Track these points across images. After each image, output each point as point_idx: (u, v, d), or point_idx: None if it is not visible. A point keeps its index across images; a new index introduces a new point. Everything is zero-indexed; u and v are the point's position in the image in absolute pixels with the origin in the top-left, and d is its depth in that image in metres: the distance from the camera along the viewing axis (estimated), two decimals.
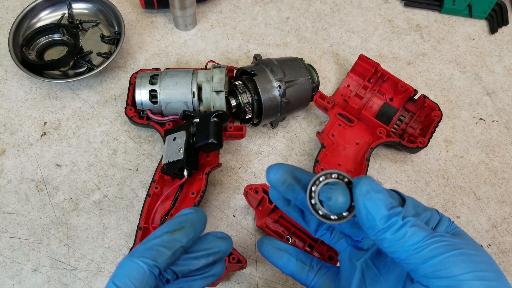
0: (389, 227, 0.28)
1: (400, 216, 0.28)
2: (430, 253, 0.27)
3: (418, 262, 0.28)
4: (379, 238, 0.29)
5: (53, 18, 0.68)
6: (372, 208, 0.28)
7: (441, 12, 0.74)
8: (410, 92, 0.61)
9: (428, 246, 0.27)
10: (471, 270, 0.26)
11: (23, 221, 0.56)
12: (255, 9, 0.73)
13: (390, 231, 0.28)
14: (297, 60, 0.60)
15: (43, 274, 0.53)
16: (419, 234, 0.28)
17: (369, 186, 0.29)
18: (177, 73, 0.58)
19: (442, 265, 0.27)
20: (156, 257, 0.30)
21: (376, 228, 0.29)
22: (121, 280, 0.29)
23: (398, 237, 0.28)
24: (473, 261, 0.27)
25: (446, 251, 0.27)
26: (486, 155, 0.63)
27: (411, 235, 0.28)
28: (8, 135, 0.61)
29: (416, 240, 0.28)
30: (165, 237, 0.31)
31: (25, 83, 0.65)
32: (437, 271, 0.27)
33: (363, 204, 0.29)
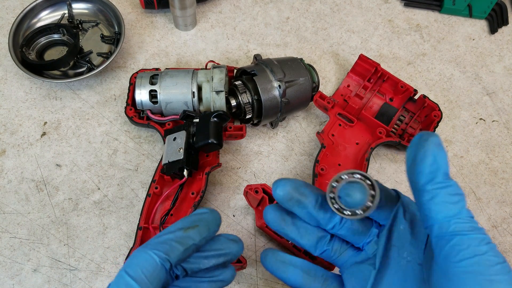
0: (447, 187, 0.29)
1: (456, 182, 0.29)
2: (466, 226, 0.28)
3: (450, 230, 0.28)
4: (433, 195, 0.29)
5: (53, 18, 0.68)
6: (442, 159, 0.29)
7: (441, 12, 0.74)
8: (410, 92, 0.61)
9: (467, 222, 0.28)
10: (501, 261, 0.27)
11: (23, 221, 0.56)
12: (255, 9, 0.73)
13: (446, 192, 0.29)
14: (297, 60, 0.60)
15: (43, 274, 0.53)
16: (467, 213, 0.29)
17: (438, 139, 0.30)
18: (177, 73, 0.58)
19: (469, 242, 0.28)
20: (168, 251, 0.30)
21: (437, 177, 0.29)
22: (133, 270, 0.29)
23: (451, 199, 0.28)
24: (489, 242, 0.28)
25: (478, 235, 0.28)
26: (486, 155, 0.63)
27: (462, 207, 0.28)
28: (8, 135, 0.61)
29: (464, 213, 0.28)
30: (179, 233, 0.31)
31: (25, 83, 0.65)
32: (458, 245, 0.28)
33: (436, 151, 0.29)
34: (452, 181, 0.30)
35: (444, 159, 0.29)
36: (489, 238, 0.29)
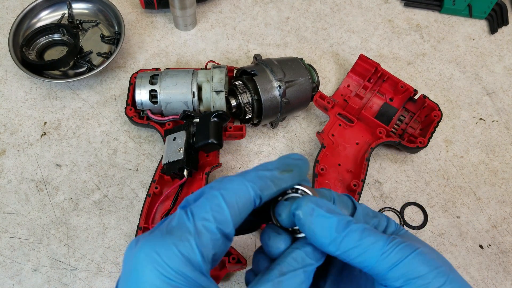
0: (351, 236, 0.28)
1: (355, 223, 0.28)
2: (396, 256, 0.27)
3: (387, 267, 0.27)
4: (345, 251, 0.28)
5: (53, 18, 0.68)
6: (324, 221, 0.28)
7: (441, 12, 0.74)
8: (410, 92, 0.61)
9: (393, 250, 0.27)
10: (434, 268, 0.27)
11: (23, 221, 0.56)
12: (255, 9, 0.73)
13: (353, 240, 0.28)
14: (297, 60, 0.60)
15: (43, 274, 0.53)
16: (381, 239, 0.28)
17: (311, 204, 0.28)
18: (177, 73, 0.58)
19: (409, 267, 0.27)
20: (263, 188, 0.29)
21: (337, 241, 0.28)
22: (229, 196, 0.28)
23: (363, 245, 0.27)
24: (432, 259, 0.28)
25: (409, 252, 0.27)
26: (486, 155, 0.63)
27: (375, 241, 0.28)
28: (8, 135, 0.61)
29: (380, 245, 0.27)
30: (275, 173, 0.30)
31: (25, 83, 0.65)
32: (406, 273, 0.27)
33: (314, 223, 0.28)
34: (350, 227, 0.28)
35: (326, 221, 0.28)
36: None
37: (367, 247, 0.27)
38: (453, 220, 0.59)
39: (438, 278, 0.27)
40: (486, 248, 0.57)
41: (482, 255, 0.57)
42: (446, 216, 0.59)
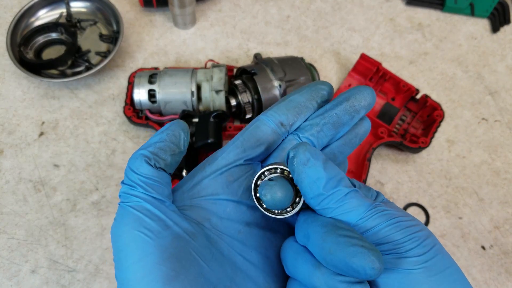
0: (335, 195, 0.27)
1: (344, 185, 0.28)
2: (372, 222, 0.27)
3: (361, 232, 0.27)
4: (325, 208, 0.28)
5: (51, 17, 0.67)
6: (315, 175, 0.28)
7: (443, 11, 0.74)
8: (412, 92, 0.60)
9: (371, 216, 0.27)
10: (408, 234, 0.27)
11: (21, 222, 0.55)
12: (255, 7, 0.73)
13: (336, 200, 0.27)
14: (298, 59, 0.59)
15: (41, 276, 0.52)
16: (363, 205, 0.27)
17: (308, 154, 0.28)
18: (176, 72, 0.57)
19: (383, 233, 0.27)
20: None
21: (320, 197, 0.28)
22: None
23: (344, 208, 0.27)
24: (408, 226, 0.27)
25: (386, 219, 0.27)
26: (488, 155, 0.63)
27: (356, 206, 0.27)
28: (6, 135, 0.60)
29: (361, 211, 0.27)
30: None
31: (23, 83, 0.64)
32: (379, 239, 0.27)
33: (305, 173, 0.28)
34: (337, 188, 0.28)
35: (317, 173, 0.28)
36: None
37: (347, 210, 0.27)
38: (455, 221, 0.58)
39: (411, 242, 0.26)
40: (488, 249, 0.57)
41: (484, 256, 0.56)
42: (448, 217, 0.58)
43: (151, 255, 0.26)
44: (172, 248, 0.27)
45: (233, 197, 0.31)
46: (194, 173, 0.32)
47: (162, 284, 0.25)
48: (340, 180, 0.28)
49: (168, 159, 0.29)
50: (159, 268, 0.26)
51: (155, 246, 0.26)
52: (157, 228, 0.27)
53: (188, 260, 0.27)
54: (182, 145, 0.30)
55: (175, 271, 0.26)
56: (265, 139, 0.31)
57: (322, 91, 0.33)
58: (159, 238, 0.26)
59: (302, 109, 0.32)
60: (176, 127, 0.30)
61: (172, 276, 0.26)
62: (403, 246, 0.26)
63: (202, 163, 0.32)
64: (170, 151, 0.29)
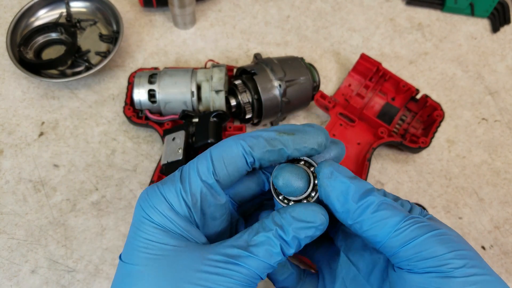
0: (366, 206, 0.26)
1: (374, 195, 0.27)
2: (411, 234, 0.26)
3: (399, 244, 0.26)
4: (358, 221, 0.27)
5: (51, 17, 0.67)
6: (342, 188, 0.27)
7: (443, 11, 0.74)
8: (412, 92, 0.60)
9: (408, 227, 0.26)
10: (452, 250, 0.25)
11: (20, 222, 0.55)
12: (255, 7, 0.73)
13: (368, 211, 0.26)
14: (298, 59, 0.59)
15: (41, 276, 0.52)
16: (398, 215, 0.26)
17: (331, 167, 0.28)
18: (176, 72, 0.57)
19: (424, 246, 0.25)
20: (254, 145, 0.29)
21: (351, 209, 0.27)
22: (216, 152, 0.29)
23: (377, 218, 0.26)
24: (452, 241, 0.26)
25: (426, 231, 0.26)
26: (488, 155, 0.63)
27: (390, 216, 0.26)
28: (6, 135, 0.60)
29: (396, 221, 0.26)
30: (272, 134, 0.29)
31: (22, 83, 0.64)
32: (420, 252, 0.25)
33: (331, 186, 0.27)
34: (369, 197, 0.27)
35: (343, 186, 0.27)
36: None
37: (381, 221, 0.26)
38: (455, 221, 0.58)
39: (457, 260, 0.24)
40: (488, 249, 0.57)
41: (484, 256, 0.56)
42: (448, 217, 0.58)
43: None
44: None
45: None
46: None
47: None
48: (369, 190, 0.27)
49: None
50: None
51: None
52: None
53: None
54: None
55: None
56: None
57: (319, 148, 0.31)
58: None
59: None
60: None
61: None
62: (448, 263, 0.24)
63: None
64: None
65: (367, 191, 0.27)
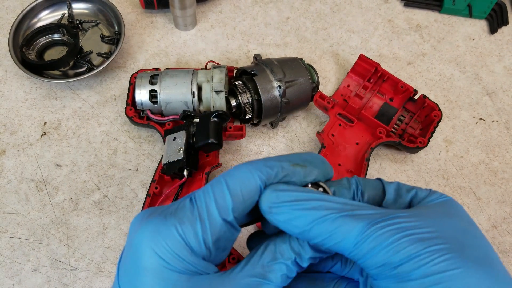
0: (316, 225, 0.26)
1: (327, 210, 0.26)
2: (371, 244, 0.24)
3: (362, 255, 0.25)
4: (316, 242, 0.26)
5: (53, 18, 0.68)
6: (283, 217, 0.27)
7: (441, 12, 0.74)
8: (410, 92, 0.61)
9: (369, 236, 0.25)
10: (417, 251, 0.23)
11: (23, 221, 0.56)
12: (255, 9, 0.73)
13: (322, 229, 0.26)
14: (297, 60, 0.60)
15: (43, 274, 0.53)
16: (358, 225, 0.25)
17: (267, 202, 0.27)
18: (177, 73, 0.58)
19: (385, 254, 0.24)
20: (271, 177, 0.28)
21: (304, 233, 0.26)
22: (233, 183, 0.27)
23: (335, 236, 0.25)
24: (421, 240, 0.24)
25: (389, 237, 0.24)
26: (486, 155, 0.63)
27: (350, 229, 0.25)
28: (8, 135, 0.61)
29: (356, 232, 0.25)
30: (286, 165, 0.28)
31: (25, 83, 0.65)
32: (382, 261, 0.24)
33: (276, 220, 0.27)
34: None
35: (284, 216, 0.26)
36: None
37: (338, 240, 0.25)
38: None
39: (414, 263, 0.23)
40: None
41: None
42: None
43: None
44: None
45: None
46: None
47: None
48: (319, 208, 0.26)
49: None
50: None
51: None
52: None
53: None
54: None
55: None
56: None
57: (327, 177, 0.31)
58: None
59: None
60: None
61: None
62: (402, 266, 0.23)
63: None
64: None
65: (316, 209, 0.26)
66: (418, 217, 0.25)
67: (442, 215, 0.26)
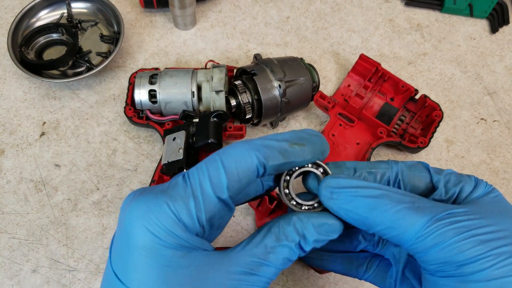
0: (379, 214, 0.25)
1: (389, 199, 0.25)
2: (434, 240, 0.24)
3: (422, 249, 0.25)
4: (377, 231, 0.26)
5: (52, 17, 0.68)
6: (347, 206, 0.26)
7: (442, 12, 0.74)
8: (411, 92, 0.61)
9: (433, 232, 0.24)
10: (484, 251, 0.23)
11: (22, 222, 0.55)
12: (255, 8, 0.73)
13: (384, 218, 0.25)
14: (297, 60, 0.60)
15: (42, 275, 0.53)
16: (421, 219, 0.24)
17: (328, 189, 0.27)
18: (176, 72, 0.57)
19: (450, 251, 0.24)
20: (269, 157, 0.27)
21: (366, 222, 0.26)
22: (228, 161, 0.27)
23: (398, 227, 0.25)
24: (487, 240, 0.23)
25: (452, 235, 0.23)
26: (487, 155, 0.63)
27: (413, 222, 0.24)
28: (7, 135, 0.61)
29: (419, 226, 0.24)
30: (284, 145, 0.28)
31: (24, 83, 0.64)
32: (446, 257, 0.24)
33: (336, 207, 0.27)
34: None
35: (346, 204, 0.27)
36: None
37: (402, 229, 0.25)
38: None
39: (482, 261, 0.22)
40: None
41: None
42: None
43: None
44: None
45: None
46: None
47: None
48: (379, 197, 0.26)
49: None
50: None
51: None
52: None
53: None
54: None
55: None
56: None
57: (323, 155, 0.31)
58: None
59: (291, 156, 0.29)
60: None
61: None
62: (468, 266, 0.23)
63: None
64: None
65: (377, 197, 0.26)
66: (478, 214, 0.25)
67: (500, 213, 0.26)
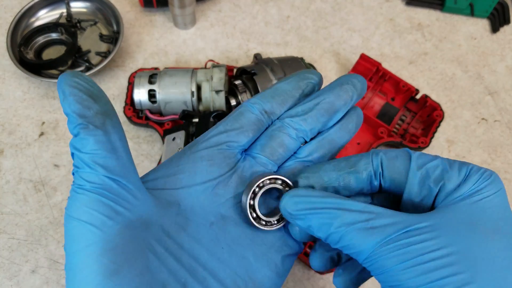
0: (336, 233, 0.24)
1: (341, 220, 0.24)
2: (378, 266, 0.23)
3: (373, 269, 0.24)
4: (339, 248, 0.25)
5: (52, 17, 0.68)
6: (303, 225, 0.26)
7: (443, 11, 0.74)
8: (412, 92, 0.60)
9: (377, 258, 0.23)
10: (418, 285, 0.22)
11: (21, 222, 0.55)
12: (255, 7, 0.73)
13: (341, 239, 0.24)
14: (298, 59, 0.59)
15: (41, 275, 0.52)
16: (370, 243, 0.23)
17: (287, 210, 0.26)
18: (176, 72, 0.57)
19: (391, 278, 0.23)
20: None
21: (328, 241, 0.25)
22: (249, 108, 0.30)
23: (352, 245, 0.24)
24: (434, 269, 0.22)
25: (396, 263, 0.23)
26: (488, 155, 0.63)
27: (363, 244, 0.24)
28: (6, 135, 0.60)
29: (367, 250, 0.23)
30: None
31: (23, 83, 0.64)
32: (390, 282, 0.23)
33: (299, 226, 0.27)
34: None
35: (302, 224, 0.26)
36: None
37: (355, 248, 0.24)
38: None
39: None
40: None
41: None
42: None
43: (93, 245, 0.23)
44: (118, 239, 0.24)
45: (210, 184, 0.28)
46: (173, 157, 0.29)
47: (102, 277, 0.23)
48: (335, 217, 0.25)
49: (95, 107, 0.26)
50: (100, 260, 0.23)
51: (98, 236, 0.23)
52: (101, 217, 0.24)
53: (134, 252, 0.24)
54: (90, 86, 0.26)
55: (116, 264, 0.23)
56: (248, 126, 0.29)
57: (310, 80, 0.31)
58: (104, 227, 0.24)
59: (288, 97, 0.30)
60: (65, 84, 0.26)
61: (113, 269, 0.23)
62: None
63: (183, 149, 0.30)
64: (88, 99, 0.26)
65: (331, 218, 0.25)
66: (438, 230, 0.23)
67: (468, 226, 0.24)
